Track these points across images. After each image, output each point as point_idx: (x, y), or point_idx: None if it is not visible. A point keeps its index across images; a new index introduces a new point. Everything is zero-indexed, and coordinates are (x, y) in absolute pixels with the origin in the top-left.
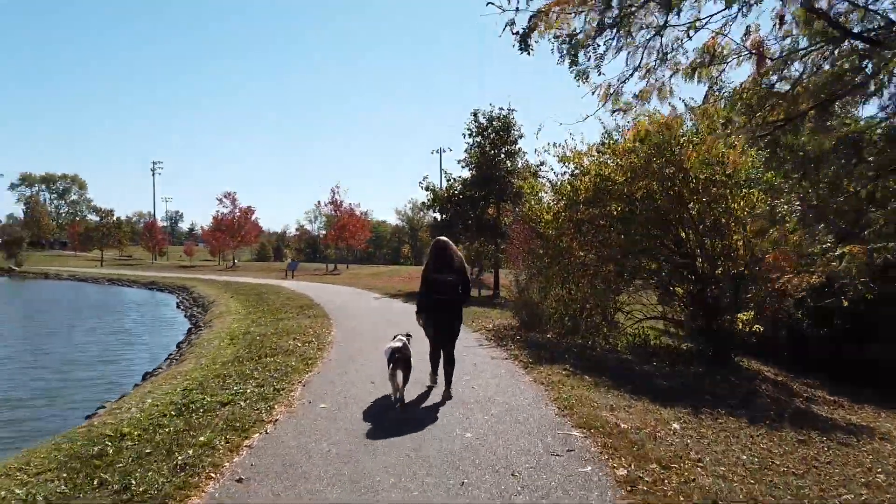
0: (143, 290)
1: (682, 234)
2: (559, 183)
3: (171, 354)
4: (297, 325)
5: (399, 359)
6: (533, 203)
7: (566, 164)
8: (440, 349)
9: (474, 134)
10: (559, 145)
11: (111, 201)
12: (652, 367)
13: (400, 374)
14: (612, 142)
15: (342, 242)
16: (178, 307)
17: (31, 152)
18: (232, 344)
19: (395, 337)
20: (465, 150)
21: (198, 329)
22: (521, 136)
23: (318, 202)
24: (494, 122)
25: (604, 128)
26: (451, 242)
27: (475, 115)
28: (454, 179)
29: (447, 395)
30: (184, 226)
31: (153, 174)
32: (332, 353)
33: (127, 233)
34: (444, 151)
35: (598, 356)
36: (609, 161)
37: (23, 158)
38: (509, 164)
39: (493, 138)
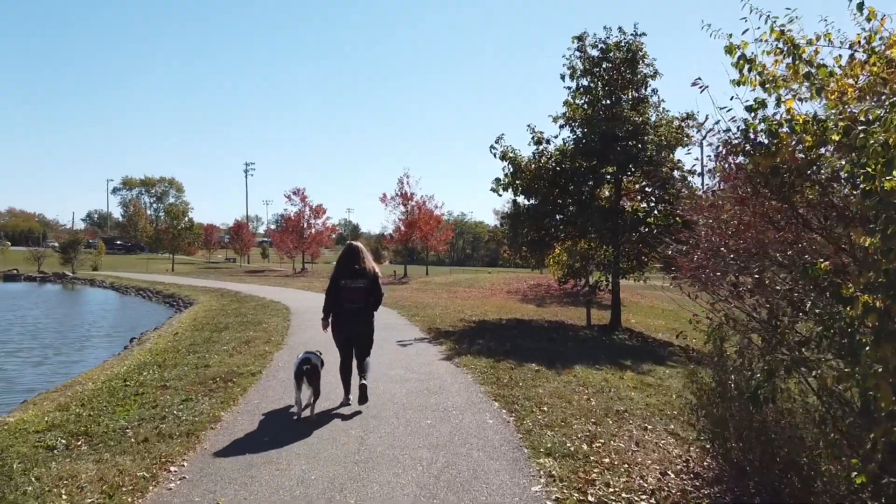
0: (157, 305)
1: None
2: None
3: None
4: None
5: (308, 371)
6: (787, 113)
7: None
8: (350, 364)
9: (579, 74)
10: None
11: (211, 206)
12: None
13: (309, 390)
14: None
15: (413, 243)
16: (131, 341)
17: (144, 157)
18: None
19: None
20: (565, 102)
21: None
22: (654, 75)
23: (385, 195)
24: (612, 54)
25: None
26: (363, 247)
27: (580, 41)
28: (546, 141)
29: (363, 398)
30: None
31: (246, 175)
32: None
33: (199, 236)
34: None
35: None
36: None
37: (134, 163)
38: (637, 118)
39: (611, 78)
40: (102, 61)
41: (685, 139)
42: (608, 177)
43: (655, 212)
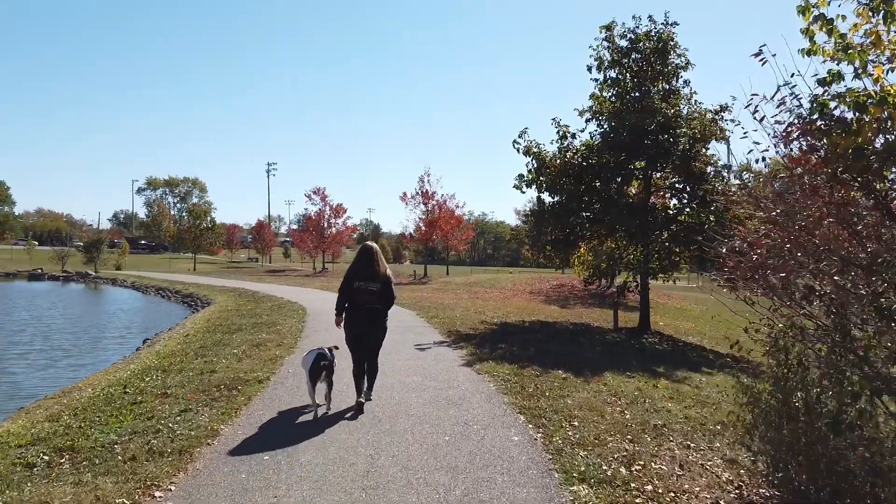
0: (175, 305)
1: None
2: None
3: None
4: None
5: (324, 367)
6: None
7: None
8: (363, 366)
9: (607, 65)
10: None
11: (234, 205)
12: None
13: (324, 386)
14: None
15: (434, 242)
16: (144, 342)
17: (169, 158)
18: None
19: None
20: (591, 95)
21: None
22: (686, 66)
23: (405, 193)
24: (641, 44)
25: None
26: (378, 249)
27: (608, 31)
28: (571, 136)
29: (367, 398)
30: None
31: (268, 175)
32: None
33: (220, 236)
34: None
35: None
36: None
37: (159, 163)
38: (668, 110)
39: (641, 69)
40: (130, 64)
41: (719, 133)
42: (637, 172)
43: (687, 209)
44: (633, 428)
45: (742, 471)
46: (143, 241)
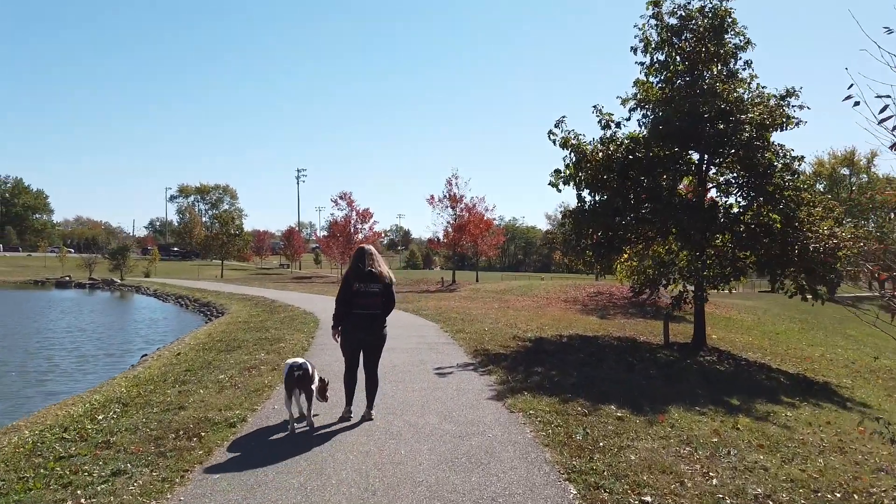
0: (191, 314)
1: None
2: None
3: None
4: None
5: (300, 378)
6: None
7: None
8: (356, 371)
9: (654, 47)
10: None
11: (268, 212)
12: None
13: (303, 397)
14: None
15: (463, 247)
16: (143, 357)
17: (203, 165)
18: None
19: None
20: (635, 81)
21: None
22: (744, 46)
23: (432, 196)
24: (694, 21)
25: None
26: (374, 251)
27: (656, 7)
28: (615, 123)
29: (367, 416)
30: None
31: (297, 182)
32: None
33: (248, 242)
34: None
35: None
36: None
37: (192, 171)
38: (731, 94)
39: (693, 50)
40: (166, 75)
41: (786, 121)
42: (692, 167)
43: (751, 209)
44: (727, 503)
45: None
46: (174, 248)
